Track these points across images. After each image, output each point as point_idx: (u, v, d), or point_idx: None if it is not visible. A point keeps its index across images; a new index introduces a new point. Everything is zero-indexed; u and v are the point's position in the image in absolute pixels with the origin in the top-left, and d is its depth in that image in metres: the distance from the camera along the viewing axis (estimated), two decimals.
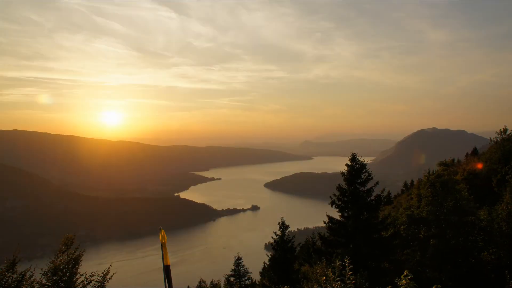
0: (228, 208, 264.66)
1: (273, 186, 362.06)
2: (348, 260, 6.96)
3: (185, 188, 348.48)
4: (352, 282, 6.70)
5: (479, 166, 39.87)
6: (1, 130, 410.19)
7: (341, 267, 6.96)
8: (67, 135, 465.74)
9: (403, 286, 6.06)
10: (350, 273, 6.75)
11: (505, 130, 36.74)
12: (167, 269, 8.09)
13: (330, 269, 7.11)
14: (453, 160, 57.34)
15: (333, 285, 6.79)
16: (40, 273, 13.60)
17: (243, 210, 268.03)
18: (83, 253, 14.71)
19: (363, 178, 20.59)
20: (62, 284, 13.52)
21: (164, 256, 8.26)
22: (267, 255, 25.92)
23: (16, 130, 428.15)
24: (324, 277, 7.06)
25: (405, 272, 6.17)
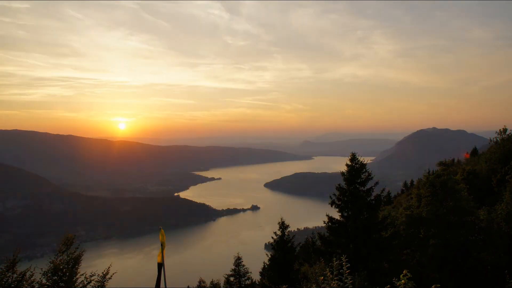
0: (228, 208, 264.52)
1: (273, 186, 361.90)
2: (346, 259, 6.96)
3: (185, 188, 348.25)
4: (350, 281, 6.70)
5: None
6: (1, 130, 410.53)
7: (339, 267, 6.96)
8: (67, 135, 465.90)
9: (401, 286, 6.07)
10: (347, 271, 6.76)
11: (505, 130, 36.83)
12: (160, 267, 8.15)
13: (328, 269, 7.11)
14: (453, 160, 57.39)
15: (331, 284, 6.79)
16: (40, 273, 13.62)
17: (243, 210, 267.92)
18: (83, 253, 14.73)
19: (363, 178, 20.60)
20: (62, 284, 13.53)
21: (163, 255, 8.34)
22: (267, 255, 25.91)
23: (16, 130, 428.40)
24: (322, 277, 7.06)
25: (404, 272, 6.18)
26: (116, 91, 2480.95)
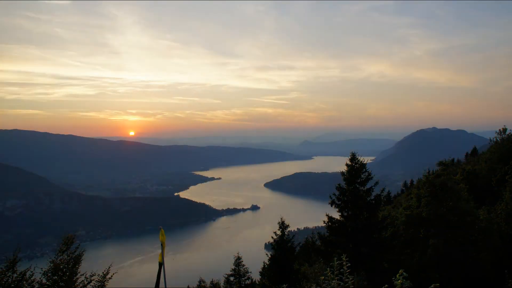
0: (228, 208, 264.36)
1: (273, 186, 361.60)
2: (346, 259, 6.97)
3: (185, 188, 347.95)
4: (351, 281, 6.71)
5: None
6: (1, 130, 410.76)
7: (339, 266, 6.97)
8: (67, 135, 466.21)
9: (398, 286, 6.07)
10: (348, 271, 6.77)
11: (505, 130, 36.91)
12: (161, 266, 8.30)
13: (328, 269, 7.11)
14: (452, 160, 57.37)
15: (332, 284, 6.80)
16: (40, 273, 13.64)
17: (243, 210, 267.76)
18: (83, 253, 14.75)
19: (362, 178, 20.64)
20: (62, 284, 13.54)
21: (163, 255, 8.41)
22: (267, 254, 25.89)
23: (16, 129, 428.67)
24: (323, 277, 7.06)
25: (400, 272, 6.18)
26: (141, 90, 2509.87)
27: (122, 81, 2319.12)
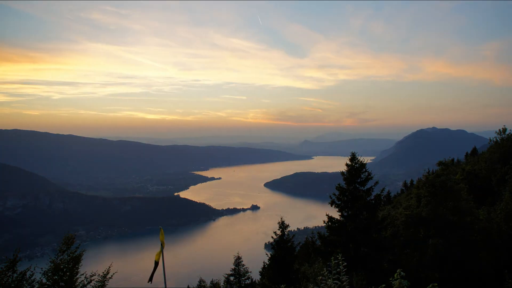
0: (228, 208, 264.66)
1: (273, 185, 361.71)
2: (342, 258, 6.99)
3: (185, 187, 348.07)
4: (347, 280, 6.73)
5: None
6: (1, 130, 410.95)
7: (336, 266, 6.99)
8: (67, 135, 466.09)
9: (396, 285, 6.08)
10: (344, 270, 6.79)
11: (505, 129, 36.91)
12: (156, 265, 8.45)
13: (325, 268, 7.13)
14: (452, 160, 57.27)
15: (328, 283, 6.81)
16: (40, 273, 13.67)
17: (243, 210, 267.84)
18: (83, 253, 14.77)
19: (362, 178, 20.64)
20: (62, 284, 13.57)
21: (162, 255, 8.49)
22: (267, 254, 25.89)
23: (16, 129, 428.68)
24: (320, 277, 7.08)
25: (397, 271, 6.18)
26: (187, 89, 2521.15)
27: (172, 80, 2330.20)
